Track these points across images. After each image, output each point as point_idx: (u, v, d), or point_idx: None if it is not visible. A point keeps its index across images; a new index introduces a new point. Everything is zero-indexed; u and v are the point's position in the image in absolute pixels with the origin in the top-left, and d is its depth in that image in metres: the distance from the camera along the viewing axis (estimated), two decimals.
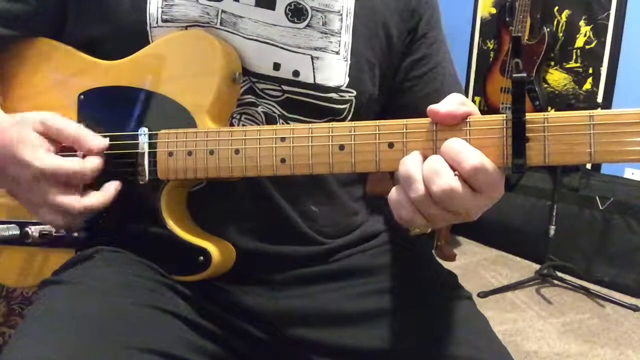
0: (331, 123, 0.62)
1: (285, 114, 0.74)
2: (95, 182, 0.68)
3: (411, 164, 0.56)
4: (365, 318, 0.75)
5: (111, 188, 0.69)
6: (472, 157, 0.53)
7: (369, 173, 0.88)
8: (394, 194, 0.57)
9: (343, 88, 0.75)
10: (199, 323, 0.72)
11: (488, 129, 0.56)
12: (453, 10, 3.01)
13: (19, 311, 1.17)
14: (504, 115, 0.55)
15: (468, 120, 0.56)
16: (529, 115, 0.54)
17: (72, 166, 0.66)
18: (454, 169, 0.54)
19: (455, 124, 0.57)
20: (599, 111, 0.53)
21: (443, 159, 0.54)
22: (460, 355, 0.69)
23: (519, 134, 0.54)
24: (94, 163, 0.67)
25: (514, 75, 0.54)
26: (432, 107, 0.57)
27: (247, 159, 0.65)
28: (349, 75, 0.75)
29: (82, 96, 0.74)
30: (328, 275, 0.78)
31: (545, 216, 2.54)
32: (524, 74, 0.54)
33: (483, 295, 2.38)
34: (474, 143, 0.56)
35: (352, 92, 0.76)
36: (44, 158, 0.65)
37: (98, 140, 0.68)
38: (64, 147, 0.68)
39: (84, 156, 0.68)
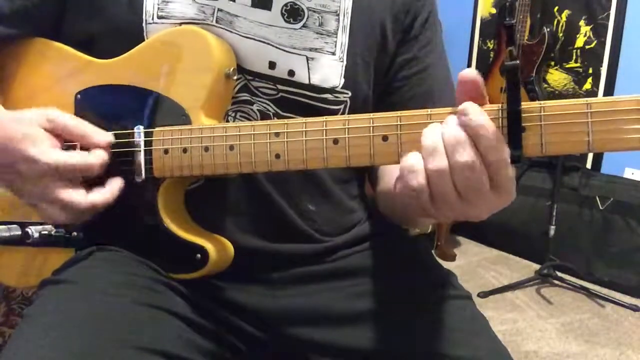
0: (325, 117, 0.61)
1: (280, 112, 0.74)
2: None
3: (434, 135, 0.53)
4: (363, 317, 0.74)
5: (115, 185, 0.69)
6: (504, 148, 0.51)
7: (367, 172, 0.88)
8: (410, 158, 0.54)
9: (338, 89, 0.75)
10: (198, 322, 0.72)
11: None
12: (453, 10, 3.01)
13: (19, 311, 1.17)
14: (500, 105, 0.54)
15: None
16: (524, 104, 0.53)
17: (80, 160, 0.66)
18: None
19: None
20: (596, 99, 0.51)
21: (465, 133, 0.52)
22: (460, 356, 0.69)
23: (514, 124, 0.53)
24: (100, 156, 0.68)
25: (507, 63, 0.52)
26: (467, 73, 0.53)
27: (241, 155, 0.64)
28: (344, 77, 0.75)
29: (78, 95, 0.74)
30: (327, 274, 0.78)
31: (545, 216, 2.53)
32: (517, 61, 0.52)
33: (483, 295, 2.38)
34: None
35: (347, 93, 0.76)
36: (51, 153, 0.65)
37: (103, 135, 0.69)
38: (67, 143, 0.69)
39: (88, 150, 0.68)
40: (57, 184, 0.66)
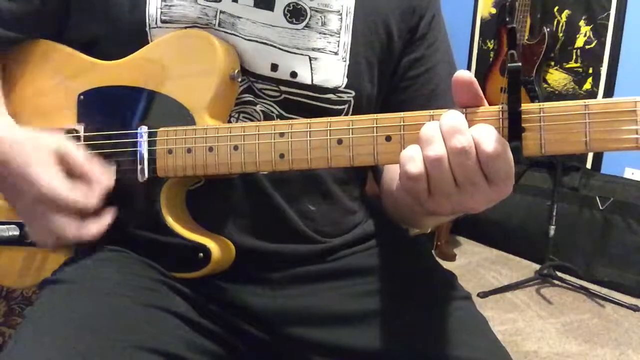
0: (329, 118, 0.62)
1: (284, 113, 0.74)
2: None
3: (432, 126, 0.55)
4: (363, 318, 0.75)
5: (106, 220, 0.69)
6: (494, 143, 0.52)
7: (368, 172, 0.88)
8: (409, 149, 0.55)
9: (341, 89, 0.75)
10: (199, 322, 0.72)
11: (484, 120, 0.55)
12: (453, 10, 3.01)
13: (19, 311, 1.17)
14: (500, 106, 0.55)
15: (465, 112, 0.56)
16: (524, 106, 0.54)
17: (75, 198, 0.66)
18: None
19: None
20: (594, 100, 0.53)
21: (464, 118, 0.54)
22: (459, 356, 0.69)
23: (514, 124, 0.54)
24: (97, 198, 0.67)
25: (509, 65, 0.53)
26: (461, 74, 0.55)
27: (245, 154, 0.65)
28: (347, 76, 0.75)
29: (81, 96, 0.74)
30: (327, 274, 0.78)
31: (545, 216, 2.54)
32: (519, 64, 0.53)
33: (483, 295, 2.38)
34: None
35: (351, 93, 0.76)
36: (51, 180, 0.65)
37: (105, 177, 0.68)
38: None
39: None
40: (48, 213, 0.66)
